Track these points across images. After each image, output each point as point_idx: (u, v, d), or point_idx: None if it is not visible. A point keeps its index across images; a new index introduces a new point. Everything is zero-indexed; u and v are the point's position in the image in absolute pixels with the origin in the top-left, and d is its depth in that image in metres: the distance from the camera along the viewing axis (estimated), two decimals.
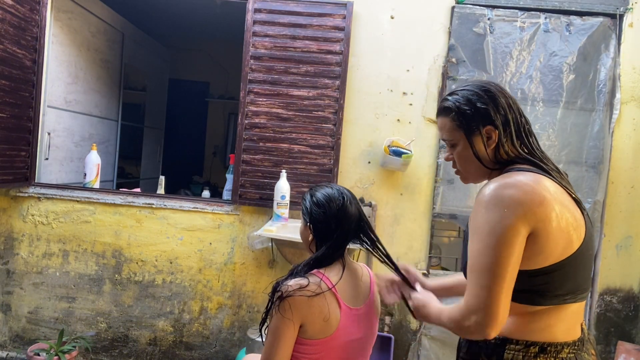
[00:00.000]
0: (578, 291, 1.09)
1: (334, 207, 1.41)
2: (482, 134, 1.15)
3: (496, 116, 1.14)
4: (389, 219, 2.89)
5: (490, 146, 1.16)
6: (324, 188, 1.48)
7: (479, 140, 1.16)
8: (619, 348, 2.80)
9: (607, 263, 2.87)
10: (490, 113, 1.14)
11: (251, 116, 2.83)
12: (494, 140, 1.15)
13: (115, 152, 4.32)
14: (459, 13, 2.84)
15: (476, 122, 1.15)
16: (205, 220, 2.88)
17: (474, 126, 1.16)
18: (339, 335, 1.35)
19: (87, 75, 3.72)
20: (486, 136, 1.16)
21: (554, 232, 1.03)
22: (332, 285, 1.37)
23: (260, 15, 2.81)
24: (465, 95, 1.18)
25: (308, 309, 1.31)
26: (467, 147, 1.17)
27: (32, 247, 2.92)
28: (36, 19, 2.81)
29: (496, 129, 1.14)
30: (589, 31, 2.82)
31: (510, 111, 1.16)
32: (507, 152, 1.16)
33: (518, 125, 1.16)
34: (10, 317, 2.95)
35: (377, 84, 2.87)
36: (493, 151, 1.16)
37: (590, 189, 2.84)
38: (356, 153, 2.89)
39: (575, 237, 1.06)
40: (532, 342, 1.07)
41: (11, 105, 2.67)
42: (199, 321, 2.91)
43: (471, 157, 1.18)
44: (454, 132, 1.19)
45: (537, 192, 1.04)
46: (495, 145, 1.15)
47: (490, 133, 1.15)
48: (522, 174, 1.09)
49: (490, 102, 1.15)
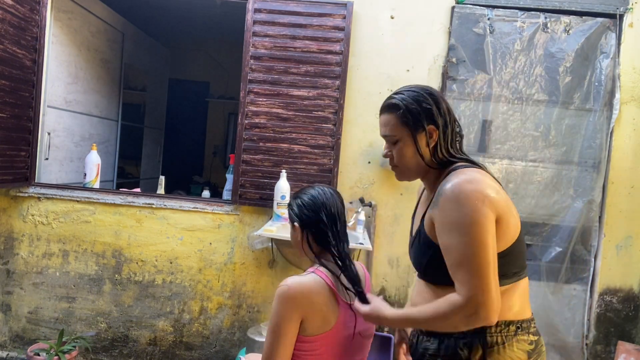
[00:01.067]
0: (524, 267, 1.22)
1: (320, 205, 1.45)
2: (426, 132, 1.24)
3: (438, 117, 1.24)
4: (389, 219, 2.89)
5: (431, 144, 1.25)
6: (308, 190, 1.51)
7: (423, 138, 1.25)
8: (619, 348, 2.80)
9: (607, 263, 2.87)
10: (434, 114, 1.24)
11: (251, 116, 2.83)
12: (435, 139, 1.25)
13: (115, 152, 4.32)
14: (459, 13, 2.84)
15: (421, 120, 1.24)
16: (205, 220, 2.88)
17: (419, 124, 1.24)
18: (338, 329, 1.36)
19: (87, 75, 3.72)
20: (429, 135, 1.25)
21: (508, 217, 1.15)
22: (329, 281, 1.38)
23: (260, 15, 2.81)
24: (411, 95, 1.26)
25: (308, 305, 1.32)
26: (411, 144, 1.25)
27: (32, 247, 2.92)
28: (36, 19, 2.81)
29: (437, 129, 1.24)
30: (589, 31, 2.82)
31: (449, 115, 1.26)
32: (444, 153, 1.26)
33: (453, 129, 1.27)
34: (10, 317, 2.95)
35: (377, 84, 2.87)
36: (433, 150, 1.25)
37: (586, 189, 2.85)
38: (356, 153, 2.89)
39: (517, 219, 1.19)
40: (509, 321, 1.17)
41: (11, 105, 2.67)
42: (199, 321, 2.91)
43: (413, 153, 1.26)
44: (399, 128, 1.26)
45: (492, 185, 1.16)
46: (434, 145, 1.25)
47: (432, 132, 1.25)
48: (472, 171, 1.19)
49: (434, 104, 1.25)
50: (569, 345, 2.87)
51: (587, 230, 2.87)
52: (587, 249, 2.87)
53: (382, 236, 2.89)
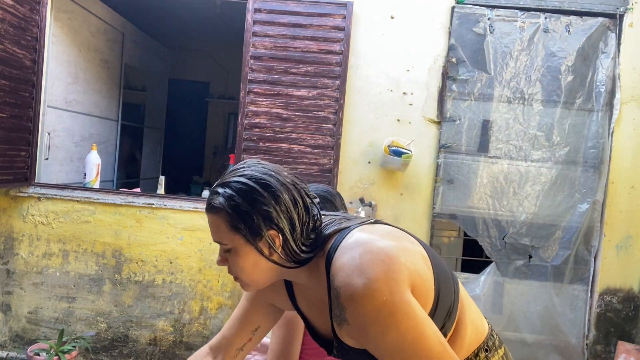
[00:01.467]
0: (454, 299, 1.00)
1: None
2: (267, 238, 0.94)
3: (280, 219, 0.94)
4: (389, 219, 2.89)
5: (278, 249, 0.96)
6: None
7: (264, 245, 0.95)
8: (619, 348, 2.80)
9: (607, 263, 2.87)
10: (272, 216, 0.94)
11: (251, 116, 2.83)
12: (279, 245, 0.95)
13: (115, 152, 4.32)
14: (459, 13, 2.84)
15: (258, 226, 0.94)
16: (205, 220, 2.87)
17: (256, 232, 0.94)
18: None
19: (87, 75, 3.72)
20: (271, 241, 0.95)
21: (416, 280, 0.91)
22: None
23: (260, 15, 2.81)
24: (241, 191, 0.95)
25: None
26: (249, 253, 0.96)
27: (32, 247, 2.92)
28: (36, 19, 2.81)
29: (280, 233, 0.94)
30: (589, 31, 2.82)
31: (296, 207, 0.96)
32: (301, 247, 0.96)
33: (305, 219, 0.97)
34: (10, 317, 2.95)
35: (377, 84, 2.87)
36: (283, 253, 0.96)
37: (589, 189, 2.85)
38: (356, 153, 2.89)
39: (428, 271, 0.95)
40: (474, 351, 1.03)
41: (11, 105, 2.67)
42: (199, 321, 2.91)
43: (254, 263, 0.97)
44: (228, 235, 0.96)
45: (387, 252, 0.89)
46: (284, 248, 0.96)
47: (274, 238, 0.95)
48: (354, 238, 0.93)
49: (273, 200, 0.94)
50: (570, 346, 2.87)
51: (590, 231, 2.86)
52: (587, 249, 2.87)
53: None
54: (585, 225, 2.85)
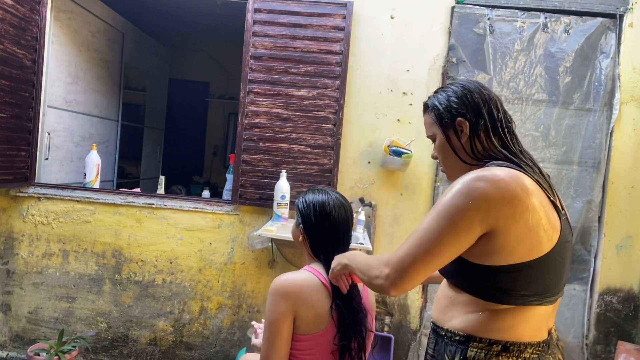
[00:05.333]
0: (545, 294, 1.06)
1: (324, 215, 1.45)
2: (456, 126, 1.16)
3: (467, 109, 1.15)
4: (389, 219, 2.89)
5: (463, 138, 1.16)
6: (319, 194, 1.50)
7: (453, 133, 1.17)
8: (619, 348, 2.80)
9: (607, 263, 2.87)
10: (461, 106, 1.16)
11: (251, 116, 2.83)
12: (466, 133, 1.15)
13: (115, 152, 4.32)
14: (459, 13, 2.84)
15: (448, 115, 1.17)
16: (205, 220, 2.88)
17: (447, 119, 1.17)
18: (333, 329, 1.35)
19: (87, 75, 3.72)
20: (459, 129, 1.16)
21: (518, 231, 1.00)
22: (323, 279, 1.39)
23: (260, 15, 2.81)
24: (444, 91, 1.22)
25: (299, 300, 1.33)
26: (444, 140, 1.19)
27: (32, 247, 2.92)
28: (36, 19, 2.81)
29: (467, 121, 1.14)
30: (589, 31, 2.82)
31: (485, 105, 1.15)
32: (484, 147, 1.14)
33: (494, 120, 1.15)
34: (10, 317, 2.95)
35: (377, 84, 2.87)
36: (469, 145, 1.15)
37: (585, 189, 2.85)
38: (356, 153, 2.89)
39: (546, 239, 1.02)
40: (495, 340, 1.05)
41: (11, 105, 2.67)
42: (199, 321, 2.91)
43: (449, 151, 1.18)
44: (432, 127, 1.22)
45: (510, 188, 1.00)
46: (469, 139, 1.15)
47: (462, 125, 1.15)
48: (501, 168, 1.05)
49: (464, 96, 1.17)
50: (569, 345, 2.87)
51: (587, 230, 2.87)
52: (587, 249, 2.87)
53: (381, 236, 2.89)
54: (580, 225, 2.85)
